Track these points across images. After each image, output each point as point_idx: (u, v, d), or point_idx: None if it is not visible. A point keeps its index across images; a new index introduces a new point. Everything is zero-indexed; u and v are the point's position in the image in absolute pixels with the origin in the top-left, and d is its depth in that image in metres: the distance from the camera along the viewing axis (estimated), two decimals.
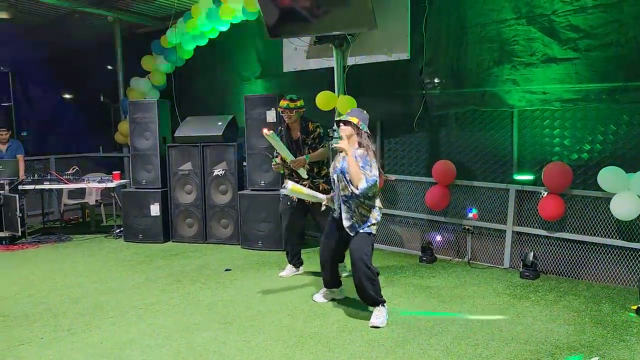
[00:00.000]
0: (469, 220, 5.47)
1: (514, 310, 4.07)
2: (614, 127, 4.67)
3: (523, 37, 4.96)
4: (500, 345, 3.43)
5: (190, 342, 3.60)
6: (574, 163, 4.85)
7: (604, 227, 4.71)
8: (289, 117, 4.82)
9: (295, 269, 5.10)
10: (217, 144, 6.56)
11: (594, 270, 4.79)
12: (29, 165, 7.93)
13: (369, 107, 5.95)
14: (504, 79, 5.11)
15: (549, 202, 4.82)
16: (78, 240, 7.03)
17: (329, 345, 3.49)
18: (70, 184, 7.06)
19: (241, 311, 4.17)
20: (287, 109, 4.79)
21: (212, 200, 6.60)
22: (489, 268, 5.27)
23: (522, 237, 5.22)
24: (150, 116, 6.79)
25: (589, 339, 3.52)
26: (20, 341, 3.68)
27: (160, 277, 5.20)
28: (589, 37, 4.60)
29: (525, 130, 5.18)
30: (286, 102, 4.80)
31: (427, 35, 5.59)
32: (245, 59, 7.61)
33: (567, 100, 4.80)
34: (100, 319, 4.08)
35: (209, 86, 8.15)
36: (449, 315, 4.00)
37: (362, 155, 3.76)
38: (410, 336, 3.60)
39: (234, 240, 6.53)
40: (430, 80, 5.68)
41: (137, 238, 6.80)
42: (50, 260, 5.98)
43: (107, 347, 3.55)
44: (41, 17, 8.01)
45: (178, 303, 4.40)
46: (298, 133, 4.86)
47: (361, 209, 3.83)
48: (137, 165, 6.89)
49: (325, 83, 5.95)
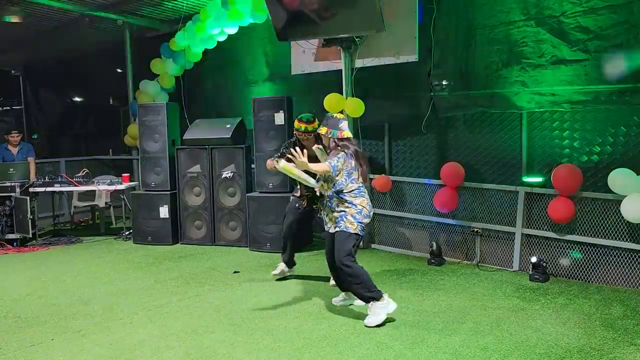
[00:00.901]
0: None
1: (524, 314, 4.04)
2: (625, 129, 4.63)
3: (532, 38, 4.94)
4: (510, 349, 3.41)
5: (199, 343, 3.61)
6: (584, 165, 4.82)
7: (615, 230, 4.67)
8: (306, 140, 4.69)
9: (289, 268, 5.06)
10: (225, 146, 6.58)
11: (604, 273, 4.75)
12: (39, 167, 8.00)
13: (377, 109, 6.05)
14: (513, 80, 5.09)
15: (559, 204, 4.79)
16: (88, 242, 7.08)
17: (337, 347, 3.49)
18: (81, 187, 7.12)
19: (249, 313, 4.18)
20: (305, 132, 4.65)
21: (221, 202, 6.62)
22: (498, 271, 5.25)
23: (532, 240, 5.19)
24: (159, 119, 6.83)
25: (599, 342, 3.49)
26: (31, 342, 3.71)
27: (169, 279, 5.23)
28: (599, 39, 4.57)
29: (535, 132, 5.16)
30: (303, 124, 4.63)
31: (435, 37, 5.58)
32: (253, 62, 7.64)
33: (576, 102, 4.76)
34: (110, 320, 4.11)
35: (217, 89, 8.19)
36: (458, 317, 3.98)
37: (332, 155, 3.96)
38: (419, 338, 3.59)
39: (242, 243, 6.54)
40: (438, 82, 5.67)
41: (146, 240, 6.84)
42: (60, 262, 6.03)
43: (117, 348, 3.58)
44: (51, 21, 8.08)
45: (187, 305, 4.42)
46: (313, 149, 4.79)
47: (341, 206, 3.93)
48: (146, 168, 6.93)
49: (333, 85, 5.97)
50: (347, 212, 3.90)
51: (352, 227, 3.88)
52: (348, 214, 3.90)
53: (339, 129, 3.96)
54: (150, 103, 7.26)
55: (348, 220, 3.89)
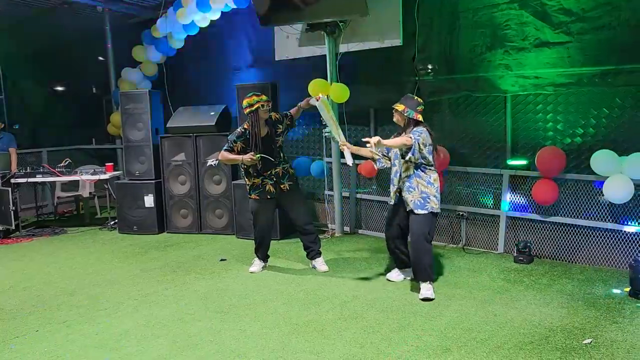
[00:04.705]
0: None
1: (508, 295, 4.09)
2: (607, 111, 4.67)
3: (515, 21, 4.93)
4: (495, 329, 3.46)
5: (186, 332, 3.60)
6: (567, 147, 4.85)
7: (597, 211, 4.73)
8: (267, 112, 4.63)
9: (265, 262, 5.04)
10: (210, 134, 6.53)
11: (587, 254, 4.82)
12: (21, 158, 7.87)
13: (362, 95, 6.03)
14: (497, 64, 5.09)
15: (543, 186, 4.83)
16: (72, 233, 7.01)
17: (324, 332, 3.51)
18: (63, 177, 7.02)
19: (237, 300, 4.17)
20: (266, 101, 4.59)
21: (206, 190, 6.58)
22: (483, 253, 5.30)
23: (516, 222, 5.24)
24: (142, 107, 6.74)
25: (582, 321, 3.54)
26: (15, 334, 3.67)
27: (156, 268, 5.20)
28: (581, 21, 4.57)
29: (519, 115, 5.18)
30: (259, 96, 4.58)
31: (420, 21, 5.55)
32: (236, 48, 7.55)
33: (560, 85, 4.78)
34: (96, 310, 4.08)
35: (201, 76, 8.10)
36: (444, 300, 4.01)
37: (417, 131, 4.10)
38: (405, 322, 3.62)
39: (228, 230, 6.52)
40: (423, 67, 5.65)
41: (132, 230, 6.78)
42: (44, 253, 5.96)
43: (102, 338, 3.55)
44: (30, 9, 7.90)
45: (173, 293, 4.40)
46: (266, 128, 4.70)
47: (421, 187, 4.07)
48: (130, 157, 6.85)
49: (318, 71, 5.92)
50: (429, 193, 4.07)
51: (435, 207, 4.09)
52: (430, 195, 4.07)
53: (416, 110, 4.13)
54: (133, 91, 7.15)
55: (432, 202, 4.07)
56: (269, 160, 4.66)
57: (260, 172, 4.70)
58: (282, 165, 4.78)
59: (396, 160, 4.25)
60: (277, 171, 4.73)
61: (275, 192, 4.74)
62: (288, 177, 4.79)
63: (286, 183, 4.76)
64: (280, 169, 4.75)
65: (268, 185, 4.72)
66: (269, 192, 4.73)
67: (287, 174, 4.79)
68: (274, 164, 4.71)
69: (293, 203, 4.84)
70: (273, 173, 4.72)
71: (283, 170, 4.77)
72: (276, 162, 4.72)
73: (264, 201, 4.76)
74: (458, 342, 3.29)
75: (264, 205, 4.79)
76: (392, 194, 4.29)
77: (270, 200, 4.77)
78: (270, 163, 4.68)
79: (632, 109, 4.54)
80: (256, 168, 4.68)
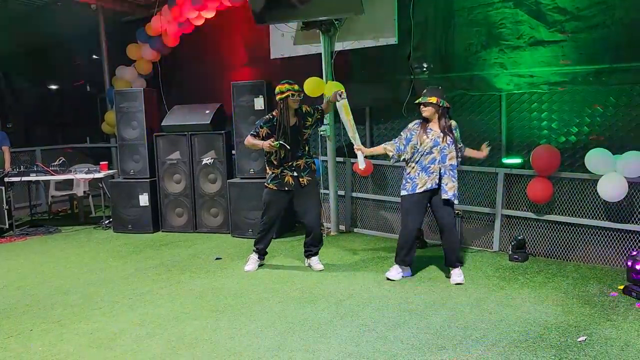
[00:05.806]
0: None
1: (503, 293, 4.10)
2: (601, 110, 4.68)
3: (510, 20, 4.94)
4: (490, 327, 3.46)
5: (181, 331, 3.59)
6: (562, 146, 4.87)
7: (592, 209, 4.75)
8: (297, 102, 4.64)
9: (262, 258, 5.02)
10: (205, 132, 6.51)
11: (581, 252, 4.84)
12: (14, 157, 7.81)
13: (357, 93, 6.01)
14: (492, 62, 5.10)
15: (538, 185, 4.85)
16: (67, 232, 6.98)
17: (320, 330, 3.50)
18: (57, 175, 6.98)
19: (232, 299, 4.16)
20: (297, 91, 4.61)
21: (202, 189, 6.56)
22: (478, 251, 5.31)
23: (512, 221, 5.25)
24: (136, 105, 6.71)
25: (576, 319, 3.56)
26: (9, 334, 3.65)
27: (151, 267, 5.18)
28: (576, 19, 4.59)
29: (514, 113, 5.19)
30: (292, 85, 4.59)
31: (415, 20, 5.56)
32: (232, 46, 7.52)
33: (554, 83, 4.80)
34: (90, 309, 4.06)
35: (195, 74, 8.05)
36: (439, 298, 4.02)
37: (455, 126, 4.36)
38: (401, 320, 3.63)
39: (224, 229, 6.51)
40: (418, 65, 5.66)
41: (127, 228, 6.76)
42: (38, 252, 5.93)
43: (97, 337, 3.54)
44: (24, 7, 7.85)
45: (169, 292, 4.39)
46: (295, 118, 4.71)
47: (454, 178, 4.31)
48: (124, 156, 6.82)
49: (313, 69, 5.91)
50: (457, 184, 4.33)
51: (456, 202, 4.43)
52: (456, 184, 4.34)
53: (445, 98, 4.27)
54: (128, 89, 7.12)
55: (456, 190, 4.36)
56: (289, 151, 4.62)
57: (282, 162, 4.69)
58: (306, 159, 4.76)
59: (435, 147, 4.27)
60: (298, 163, 4.70)
61: (293, 185, 4.71)
62: (309, 172, 4.76)
63: (305, 177, 4.72)
64: (303, 162, 4.73)
65: (287, 176, 4.69)
66: (287, 184, 4.71)
67: (309, 169, 4.76)
68: (297, 156, 4.69)
69: (307, 200, 4.78)
70: (294, 165, 4.69)
71: (305, 163, 4.74)
72: (299, 154, 4.70)
73: (280, 192, 4.74)
74: (453, 340, 3.29)
75: (278, 197, 4.76)
76: (430, 181, 4.29)
77: (286, 192, 4.75)
78: (292, 154, 4.65)
79: (626, 107, 4.56)
80: (278, 158, 4.66)
